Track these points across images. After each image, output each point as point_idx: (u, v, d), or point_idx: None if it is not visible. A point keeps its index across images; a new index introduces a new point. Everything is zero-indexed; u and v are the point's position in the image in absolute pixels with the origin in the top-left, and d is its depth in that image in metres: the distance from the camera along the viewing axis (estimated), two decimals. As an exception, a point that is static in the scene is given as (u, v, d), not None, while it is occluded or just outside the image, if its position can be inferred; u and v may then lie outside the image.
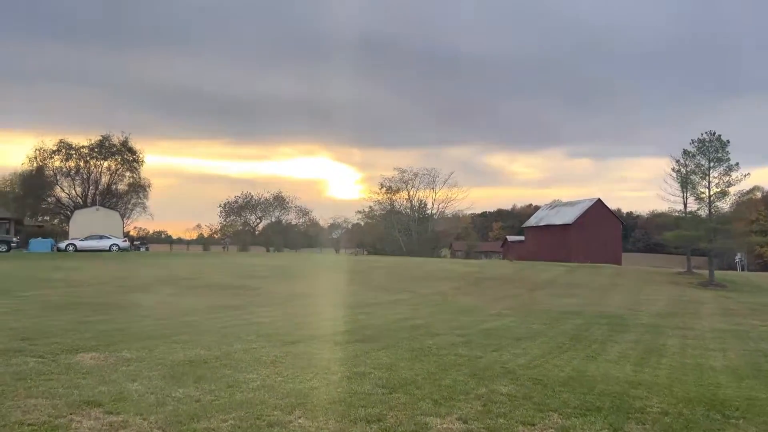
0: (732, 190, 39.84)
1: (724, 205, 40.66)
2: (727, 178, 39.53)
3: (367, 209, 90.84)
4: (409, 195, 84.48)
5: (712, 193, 39.93)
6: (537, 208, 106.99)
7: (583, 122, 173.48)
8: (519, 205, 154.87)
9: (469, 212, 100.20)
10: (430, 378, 7.98)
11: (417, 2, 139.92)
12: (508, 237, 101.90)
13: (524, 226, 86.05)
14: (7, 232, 51.69)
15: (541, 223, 79.54)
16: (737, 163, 39.33)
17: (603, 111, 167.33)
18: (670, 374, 9.54)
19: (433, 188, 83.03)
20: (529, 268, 41.12)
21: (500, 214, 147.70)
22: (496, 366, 9.14)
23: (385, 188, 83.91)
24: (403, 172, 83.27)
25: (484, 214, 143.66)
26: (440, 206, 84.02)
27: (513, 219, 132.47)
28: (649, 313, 20.83)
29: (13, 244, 42.57)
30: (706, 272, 40.45)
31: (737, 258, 65.33)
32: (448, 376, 8.14)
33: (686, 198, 42.06)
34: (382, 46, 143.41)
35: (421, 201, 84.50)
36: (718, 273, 40.47)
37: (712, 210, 40.08)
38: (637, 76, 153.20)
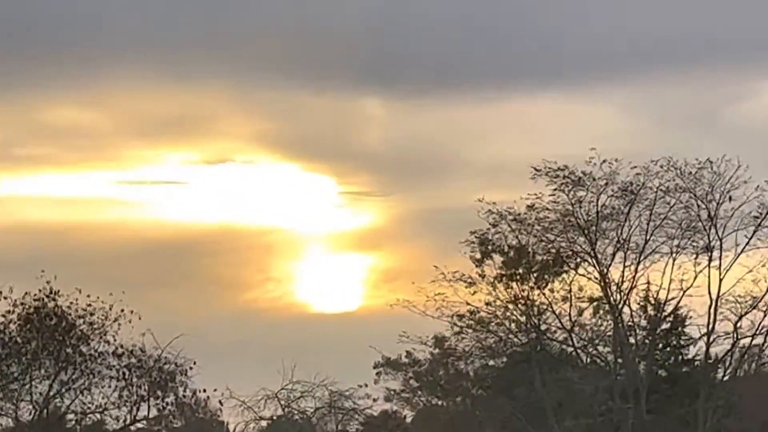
0: None
1: None
2: None
3: (442, 334, 21.32)
4: (603, 279, 17.68)
5: None
6: None
7: None
8: None
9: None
10: None
11: None
12: None
13: None
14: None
15: None
16: None
17: None
18: None
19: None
20: None
21: None
22: None
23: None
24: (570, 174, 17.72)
25: None
26: (728, 311, 17.59)
27: None
28: None
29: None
30: None
31: None
32: None
33: None
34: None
35: (658, 303, 18.00)
36: None
37: None
38: None
